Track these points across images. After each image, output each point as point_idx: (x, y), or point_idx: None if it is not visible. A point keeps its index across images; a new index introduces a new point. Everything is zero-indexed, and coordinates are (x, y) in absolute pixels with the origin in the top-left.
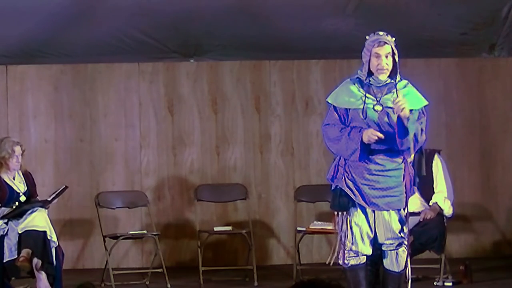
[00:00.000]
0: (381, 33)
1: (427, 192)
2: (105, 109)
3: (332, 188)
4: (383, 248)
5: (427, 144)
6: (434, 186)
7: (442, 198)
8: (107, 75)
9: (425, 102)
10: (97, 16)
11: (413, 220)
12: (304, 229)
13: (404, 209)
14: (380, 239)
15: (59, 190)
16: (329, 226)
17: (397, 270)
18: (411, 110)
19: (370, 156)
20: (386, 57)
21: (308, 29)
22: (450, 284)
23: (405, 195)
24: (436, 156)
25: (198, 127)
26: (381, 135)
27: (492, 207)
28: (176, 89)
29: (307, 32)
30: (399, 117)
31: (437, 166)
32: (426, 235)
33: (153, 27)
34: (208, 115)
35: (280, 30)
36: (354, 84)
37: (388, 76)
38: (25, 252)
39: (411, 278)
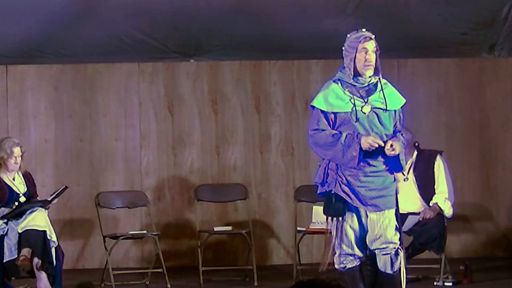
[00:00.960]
0: (364, 30)
1: (427, 192)
2: (105, 109)
3: (319, 192)
4: (376, 252)
5: (428, 144)
6: (435, 187)
7: (443, 199)
8: (107, 75)
9: (403, 101)
10: (97, 16)
11: (413, 220)
12: (304, 229)
13: (396, 209)
14: (374, 244)
15: (59, 190)
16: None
17: (391, 272)
18: (394, 111)
19: (364, 159)
20: (373, 52)
21: (308, 29)
22: (450, 284)
23: (395, 195)
24: (438, 157)
25: (198, 127)
26: (381, 143)
27: (492, 207)
28: (176, 89)
29: (307, 32)
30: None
31: (439, 167)
32: (425, 234)
33: (153, 27)
34: (208, 115)
35: (280, 30)
36: (338, 86)
37: (371, 75)
38: (25, 251)
39: (407, 278)
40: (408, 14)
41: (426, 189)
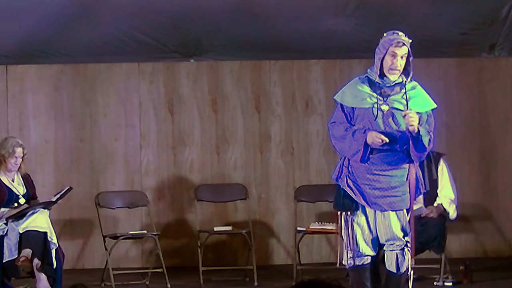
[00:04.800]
0: (400, 33)
1: (430, 195)
2: (105, 109)
3: (338, 188)
4: (384, 249)
5: None
6: (439, 190)
7: (448, 201)
8: (107, 75)
9: (433, 105)
10: (97, 16)
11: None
12: (304, 229)
13: (408, 210)
14: (381, 240)
15: (63, 191)
16: (329, 226)
17: (395, 271)
18: (418, 113)
19: (370, 156)
20: (402, 58)
21: (308, 29)
22: (450, 284)
23: (408, 195)
24: (441, 160)
25: (198, 127)
26: (385, 139)
27: (492, 207)
28: (176, 89)
29: (307, 32)
30: (409, 131)
31: (443, 170)
32: (426, 234)
33: (153, 27)
34: (208, 115)
35: (280, 30)
36: (363, 83)
37: (398, 77)
38: (25, 252)
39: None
40: (408, 14)
41: (430, 191)
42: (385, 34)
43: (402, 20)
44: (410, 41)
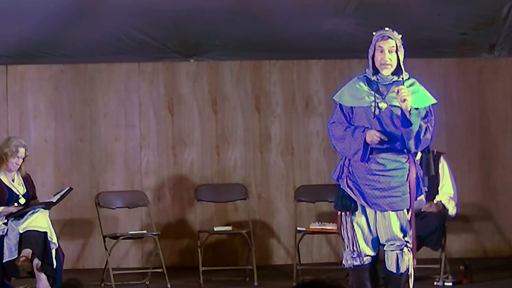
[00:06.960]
0: (386, 28)
1: (430, 193)
2: (105, 109)
3: (338, 188)
4: (384, 249)
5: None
6: (439, 187)
7: (447, 198)
8: (107, 75)
9: (433, 101)
10: (97, 16)
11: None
12: (304, 229)
13: (408, 210)
14: (381, 240)
15: (63, 192)
16: (329, 226)
17: (395, 271)
18: (417, 108)
19: (370, 156)
20: (390, 52)
21: (308, 29)
22: (450, 284)
23: (409, 195)
24: (442, 158)
25: (198, 127)
26: (384, 137)
27: (492, 207)
28: (176, 89)
29: (307, 32)
30: (401, 109)
31: (443, 168)
32: (424, 228)
33: (153, 27)
34: (208, 115)
35: (280, 30)
36: (361, 82)
37: (394, 74)
38: (25, 252)
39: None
40: (408, 14)
41: (430, 189)
42: (374, 33)
43: (402, 20)
44: (400, 36)
